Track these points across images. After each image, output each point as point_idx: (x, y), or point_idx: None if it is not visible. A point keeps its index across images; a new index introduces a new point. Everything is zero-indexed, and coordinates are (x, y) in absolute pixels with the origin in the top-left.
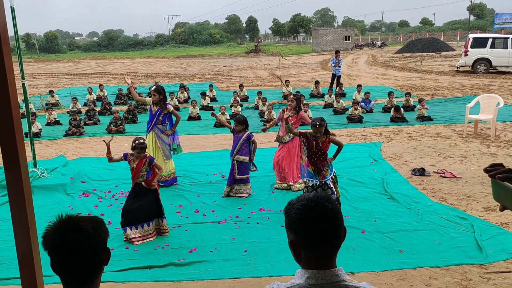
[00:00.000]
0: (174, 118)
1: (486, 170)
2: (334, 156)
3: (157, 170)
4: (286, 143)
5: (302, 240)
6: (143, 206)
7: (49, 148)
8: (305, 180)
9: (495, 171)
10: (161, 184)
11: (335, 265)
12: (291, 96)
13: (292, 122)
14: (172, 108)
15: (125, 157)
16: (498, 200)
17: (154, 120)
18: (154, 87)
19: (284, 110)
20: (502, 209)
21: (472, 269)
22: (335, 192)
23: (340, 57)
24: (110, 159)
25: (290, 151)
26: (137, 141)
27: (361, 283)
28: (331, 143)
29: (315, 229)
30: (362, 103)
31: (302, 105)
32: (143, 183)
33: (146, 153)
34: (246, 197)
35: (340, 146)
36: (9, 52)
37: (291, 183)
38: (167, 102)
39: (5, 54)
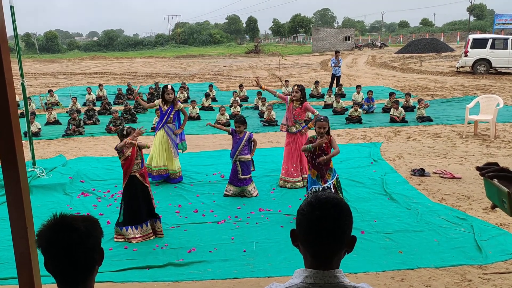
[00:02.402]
0: (182, 117)
1: (478, 168)
2: (329, 157)
3: (146, 146)
4: (294, 134)
5: (300, 234)
6: (141, 206)
7: (48, 148)
8: (310, 189)
9: (486, 170)
10: (156, 180)
11: (336, 266)
12: (295, 86)
13: (296, 112)
14: (182, 106)
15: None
16: (490, 198)
17: (165, 118)
18: (169, 86)
19: (291, 99)
20: (492, 207)
21: (472, 270)
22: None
23: (340, 58)
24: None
25: (299, 144)
26: (125, 128)
27: (359, 284)
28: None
29: (312, 228)
30: (365, 106)
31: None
32: (137, 175)
33: None
34: (256, 195)
35: (335, 149)
36: (7, 51)
37: (297, 179)
38: (177, 100)
39: (3, 53)
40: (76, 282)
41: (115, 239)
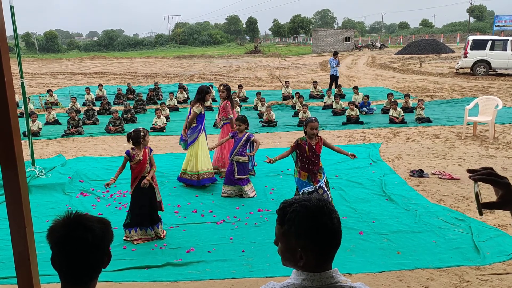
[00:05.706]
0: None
1: (469, 171)
2: (342, 151)
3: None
4: (224, 126)
5: (310, 242)
6: (147, 210)
7: (47, 148)
8: (301, 192)
9: (475, 173)
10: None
11: (330, 267)
12: (221, 86)
13: (220, 109)
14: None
15: (128, 154)
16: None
17: (203, 121)
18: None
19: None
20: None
21: (470, 271)
22: (330, 196)
23: (333, 58)
24: (119, 173)
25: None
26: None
27: (356, 283)
28: (324, 146)
29: (324, 231)
30: (364, 108)
31: (231, 96)
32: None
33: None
34: (254, 195)
35: (335, 147)
36: (7, 51)
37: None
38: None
39: (3, 53)
40: (81, 281)
41: (125, 239)
